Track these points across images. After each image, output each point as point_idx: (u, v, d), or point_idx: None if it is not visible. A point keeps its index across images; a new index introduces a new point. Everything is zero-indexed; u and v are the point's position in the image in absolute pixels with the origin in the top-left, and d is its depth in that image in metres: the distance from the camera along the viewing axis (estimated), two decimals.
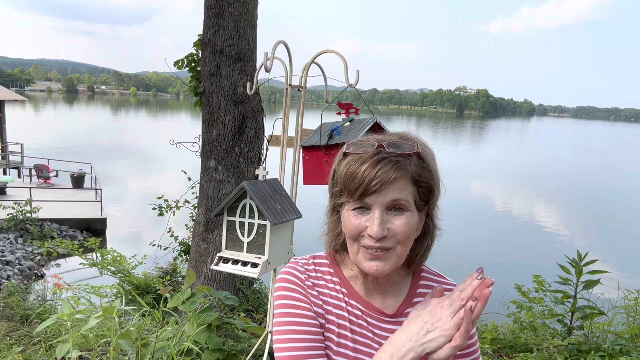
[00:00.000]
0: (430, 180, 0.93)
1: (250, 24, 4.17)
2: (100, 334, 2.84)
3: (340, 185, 0.94)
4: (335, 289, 1.01)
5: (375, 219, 0.89)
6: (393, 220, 0.90)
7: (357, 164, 0.90)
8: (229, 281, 4.52)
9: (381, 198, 0.89)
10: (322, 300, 0.99)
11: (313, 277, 1.02)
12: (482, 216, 18.21)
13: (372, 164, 0.89)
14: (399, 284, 1.04)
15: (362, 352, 0.98)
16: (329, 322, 0.98)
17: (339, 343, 0.98)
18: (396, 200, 0.89)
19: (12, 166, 18.02)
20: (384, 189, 0.88)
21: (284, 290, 0.98)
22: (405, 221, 0.90)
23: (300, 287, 0.99)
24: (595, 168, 37.71)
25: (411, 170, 0.90)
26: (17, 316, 4.54)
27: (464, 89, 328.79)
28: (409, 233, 0.91)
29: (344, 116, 2.60)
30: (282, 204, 2.04)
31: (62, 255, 10.36)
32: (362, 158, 0.91)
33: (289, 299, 0.97)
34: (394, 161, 0.89)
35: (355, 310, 1.00)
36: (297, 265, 1.03)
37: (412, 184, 0.91)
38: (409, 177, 0.90)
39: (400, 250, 0.92)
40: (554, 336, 3.90)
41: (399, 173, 0.88)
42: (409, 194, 0.91)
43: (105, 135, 39.24)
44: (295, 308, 0.96)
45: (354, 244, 0.94)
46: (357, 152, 0.92)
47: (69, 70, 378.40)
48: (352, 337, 0.98)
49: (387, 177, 0.87)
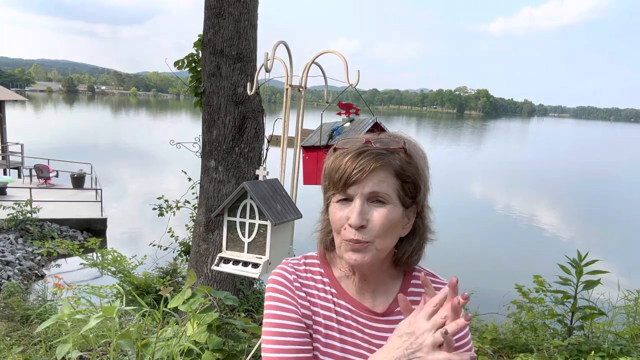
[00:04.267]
0: (415, 175, 0.94)
1: (250, 24, 4.17)
2: (100, 334, 2.84)
3: (327, 179, 0.96)
4: (324, 290, 1.03)
5: (354, 207, 0.91)
6: (372, 211, 0.92)
7: (341, 156, 0.93)
8: (229, 281, 4.52)
9: (361, 188, 0.91)
10: (310, 301, 1.01)
11: (302, 278, 1.03)
12: (482, 216, 18.21)
13: (354, 155, 0.91)
14: (389, 283, 1.05)
15: (350, 352, 0.99)
16: (315, 322, 1.00)
17: (326, 343, 0.99)
18: (376, 192, 0.91)
19: (12, 166, 18.00)
20: (363, 179, 0.90)
21: (272, 292, 1.01)
22: (385, 213, 0.91)
23: (288, 288, 1.00)
24: (596, 168, 37.71)
25: (394, 163, 0.92)
26: (17, 316, 4.54)
27: (464, 89, 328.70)
28: (387, 225, 0.92)
29: (344, 116, 2.60)
30: (283, 204, 2.04)
31: (62, 255, 10.34)
32: (347, 152, 0.93)
33: (277, 301, 1.00)
34: (375, 153, 0.91)
35: (343, 310, 1.01)
36: (287, 265, 1.05)
37: (394, 177, 0.92)
38: (391, 169, 0.92)
39: (379, 243, 0.93)
40: (554, 336, 3.90)
41: (379, 163, 0.90)
42: (389, 186, 0.92)
43: (105, 135, 39.20)
44: (283, 310, 0.98)
45: (338, 236, 0.96)
46: (344, 146, 0.95)
47: (69, 70, 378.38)
48: (340, 337, 1.00)
49: (367, 167, 0.90)
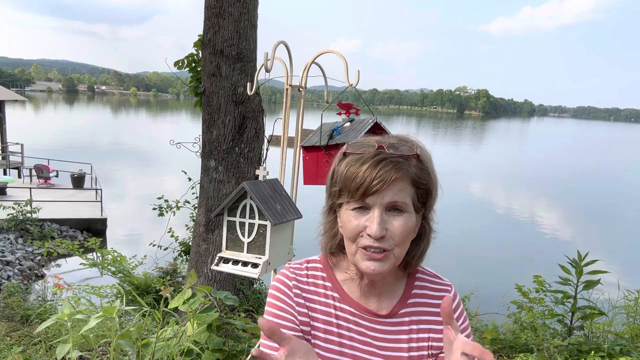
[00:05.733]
0: (428, 181, 0.94)
1: (250, 24, 4.17)
2: (100, 334, 2.84)
3: (339, 185, 0.94)
4: (325, 294, 1.03)
5: (374, 218, 0.90)
6: (392, 220, 0.91)
7: (358, 163, 0.91)
8: (229, 281, 4.52)
9: (381, 198, 0.89)
10: (308, 307, 1.01)
11: (303, 283, 1.03)
12: (482, 216, 18.20)
13: (372, 164, 0.89)
14: (395, 285, 1.05)
15: (348, 355, 1.00)
16: (314, 328, 1.01)
17: (326, 348, 1.00)
18: (395, 201, 0.90)
19: (12, 166, 17.99)
20: (384, 189, 0.89)
21: (272, 298, 1.03)
22: (404, 222, 0.91)
23: (287, 295, 1.01)
24: (596, 168, 37.71)
25: (411, 171, 0.91)
26: (17, 316, 4.54)
27: (464, 89, 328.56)
28: (407, 234, 0.92)
29: (344, 116, 2.60)
30: (282, 204, 2.04)
31: (62, 255, 10.34)
32: (362, 158, 0.91)
33: (274, 308, 1.01)
34: (394, 162, 0.89)
35: (344, 314, 1.01)
36: (288, 271, 1.05)
37: (411, 185, 0.92)
38: (408, 178, 0.91)
39: (397, 251, 0.93)
40: (554, 336, 3.90)
41: (399, 174, 0.89)
42: (407, 195, 0.91)
43: (105, 135, 39.20)
44: (279, 318, 1.00)
45: (352, 245, 0.94)
46: (357, 152, 0.93)
47: (69, 70, 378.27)
48: (340, 340, 1.00)
49: (387, 178, 0.88)
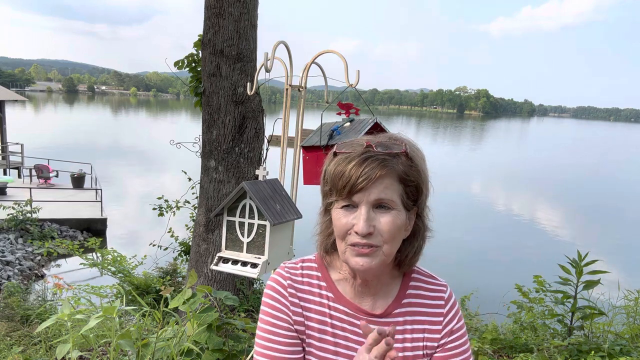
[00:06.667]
0: (417, 179, 0.94)
1: (250, 24, 4.17)
2: (100, 334, 2.84)
3: (329, 184, 0.95)
4: (319, 294, 1.03)
5: (361, 215, 0.90)
6: (379, 217, 0.91)
7: (345, 162, 0.92)
8: (229, 281, 4.52)
9: (367, 196, 0.90)
10: (303, 306, 1.02)
11: (298, 282, 1.04)
12: (482, 216, 18.21)
13: (358, 162, 0.90)
14: (390, 285, 1.05)
15: (344, 355, 1.00)
16: (309, 328, 1.01)
17: (320, 347, 1.01)
18: (381, 199, 0.90)
19: (12, 166, 17.99)
20: (369, 186, 0.89)
21: (267, 298, 1.04)
22: (391, 219, 0.91)
23: (282, 295, 1.02)
24: (596, 168, 37.71)
25: (398, 168, 0.91)
26: (17, 316, 4.54)
27: (464, 89, 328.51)
28: (395, 231, 0.92)
29: (344, 116, 2.59)
30: (282, 204, 2.04)
31: (62, 255, 10.35)
32: (349, 157, 0.92)
33: (269, 307, 1.02)
34: (380, 159, 0.90)
35: (338, 314, 1.02)
36: (283, 271, 1.06)
37: (398, 182, 0.92)
38: (395, 175, 0.91)
39: (386, 248, 0.93)
40: (554, 336, 3.90)
41: (384, 170, 0.90)
42: (394, 192, 0.91)
43: (105, 135, 39.20)
44: (274, 318, 1.01)
45: (341, 242, 0.95)
46: (345, 151, 0.94)
47: (69, 70, 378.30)
48: (334, 340, 1.01)
49: (372, 175, 0.89)
